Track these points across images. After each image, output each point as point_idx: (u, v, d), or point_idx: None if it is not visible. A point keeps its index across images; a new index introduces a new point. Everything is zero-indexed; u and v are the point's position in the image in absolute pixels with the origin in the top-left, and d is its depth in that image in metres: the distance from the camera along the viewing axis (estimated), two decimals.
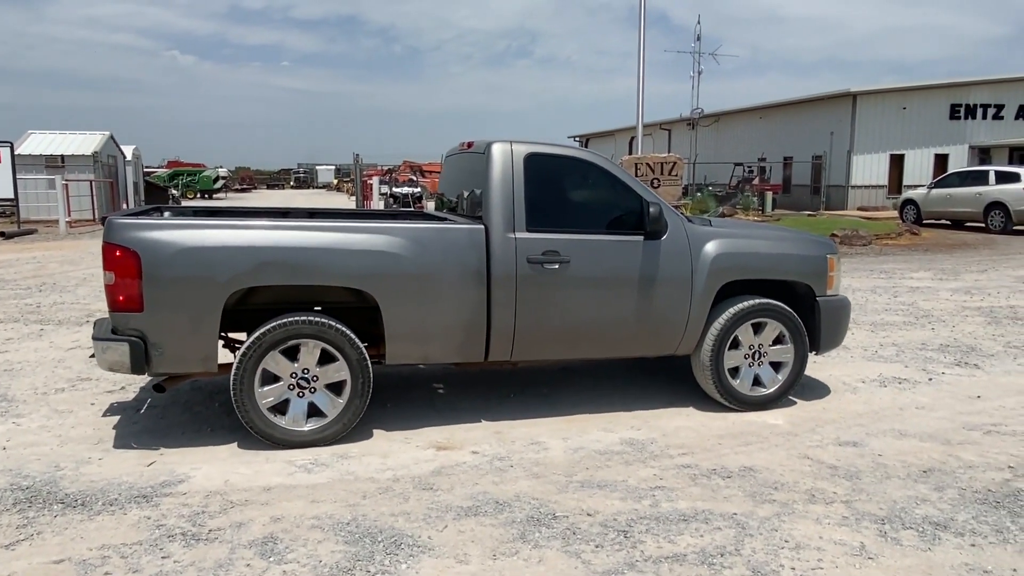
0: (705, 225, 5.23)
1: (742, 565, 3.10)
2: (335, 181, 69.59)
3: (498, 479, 3.97)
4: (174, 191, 37.57)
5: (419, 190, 26.86)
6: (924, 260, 14.17)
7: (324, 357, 4.35)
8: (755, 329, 5.09)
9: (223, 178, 53.06)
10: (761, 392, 5.16)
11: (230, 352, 4.85)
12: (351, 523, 3.43)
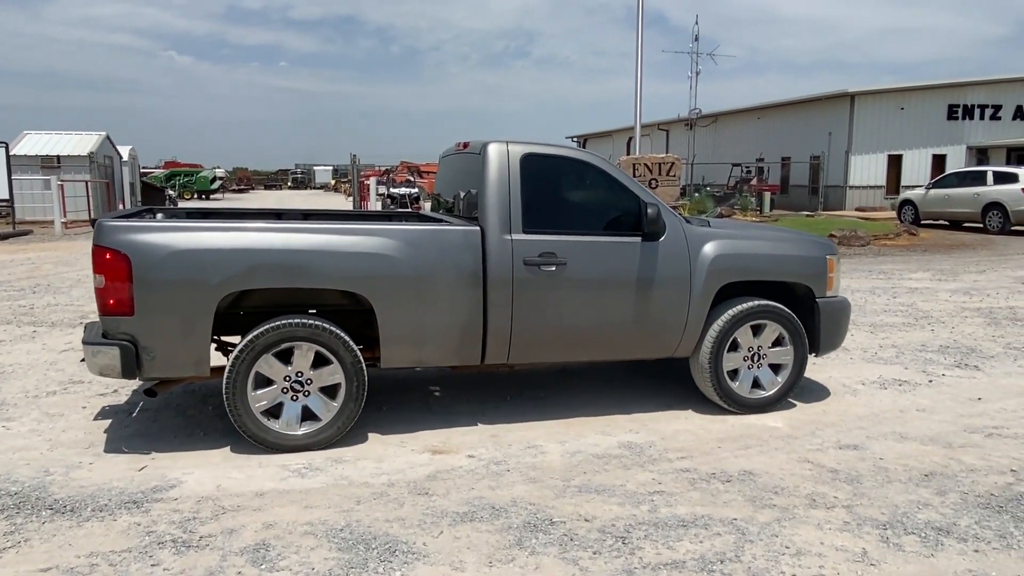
0: (704, 226, 5.19)
1: (742, 572, 3.04)
2: (333, 182, 69.43)
3: (494, 484, 3.91)
4: (171, 192, 37.45)
5: (416, 191, 26.80)
6: (922, 261, 14.15)
7: (318, 360, 4.30)
8: (754, 331, 5.04)
9: (220, 179, 52.91)
10: (760, 394, 5.11)
11: (223, 355, 4.79)
12: (345, 529, 3.38)
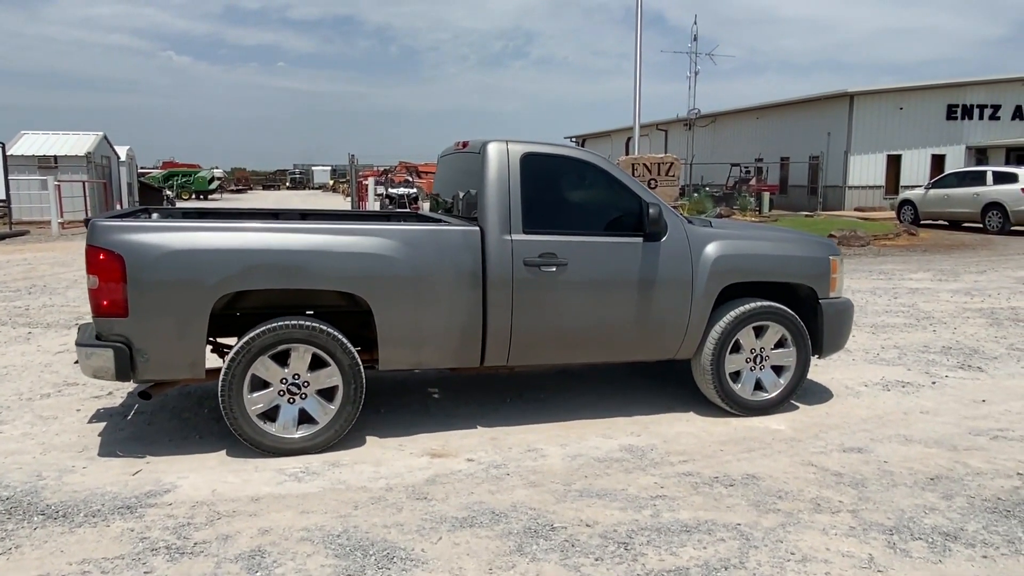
0: (705, 226, 5.13)
1: None
2: (331, 182, 69.31)
3: (494, 488, 3.85)
4: (169, 192, 37.36)
5: (415, 191, 26.75)
6: (923, 261, 14.10)
7: (315, 362, 4.24)
8: (757, 332, 4.98)
9: (218, 179, 52.79)
10: (763, 397, 5.06)
11: (219, 357, 4.73)
12: (342, 535, 3.31)
